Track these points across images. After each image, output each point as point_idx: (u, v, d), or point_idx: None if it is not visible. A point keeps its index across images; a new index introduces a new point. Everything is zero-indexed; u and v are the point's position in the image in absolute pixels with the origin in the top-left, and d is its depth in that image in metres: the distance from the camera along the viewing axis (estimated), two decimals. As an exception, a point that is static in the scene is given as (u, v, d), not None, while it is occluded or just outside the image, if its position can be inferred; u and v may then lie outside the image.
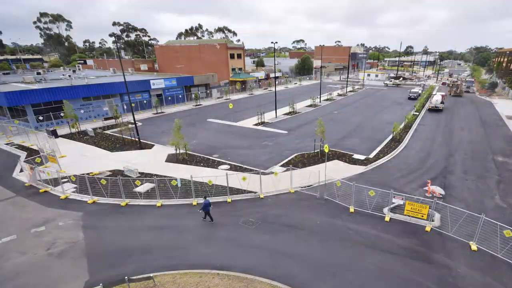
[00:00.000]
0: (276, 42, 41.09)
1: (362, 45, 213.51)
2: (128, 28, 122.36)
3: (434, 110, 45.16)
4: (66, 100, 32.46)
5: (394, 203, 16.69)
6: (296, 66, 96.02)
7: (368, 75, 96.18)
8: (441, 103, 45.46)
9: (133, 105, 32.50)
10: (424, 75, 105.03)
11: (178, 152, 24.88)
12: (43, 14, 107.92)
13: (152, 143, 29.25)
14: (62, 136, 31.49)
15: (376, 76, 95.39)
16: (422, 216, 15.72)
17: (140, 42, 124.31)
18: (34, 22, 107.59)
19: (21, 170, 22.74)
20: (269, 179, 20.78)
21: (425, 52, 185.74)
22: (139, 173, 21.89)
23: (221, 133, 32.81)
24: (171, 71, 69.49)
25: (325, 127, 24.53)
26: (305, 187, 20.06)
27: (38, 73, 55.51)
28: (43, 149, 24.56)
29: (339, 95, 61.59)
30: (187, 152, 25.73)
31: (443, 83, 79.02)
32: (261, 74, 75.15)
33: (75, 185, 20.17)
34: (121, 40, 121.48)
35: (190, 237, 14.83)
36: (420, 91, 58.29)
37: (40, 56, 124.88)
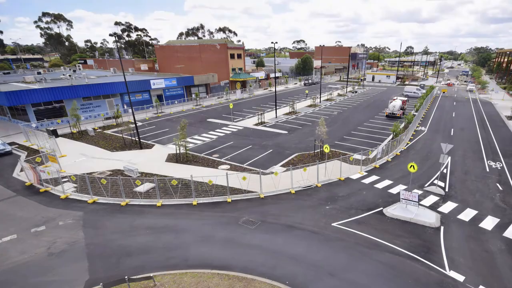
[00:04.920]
0: (276, 42, 41.15)
1: (362, 45, 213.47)
2: (129, 28, 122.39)
3: (392, 117, 39.85)
4: (71, 99, 32.37)
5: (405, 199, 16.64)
6: (296, 66, 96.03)
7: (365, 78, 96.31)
8: (400, 109, 39.78)
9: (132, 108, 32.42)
10: (423, 75, 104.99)
11: (178, 152, 24.90)
12: (44, 14, 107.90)
13: (153, 143, 29.27)
14: (62, 135, 31.50)
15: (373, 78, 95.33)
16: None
17: (141, 42, 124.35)
18: (35, 22, 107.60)
19: (21, 170, 22.75)
20: (269, 179, 20.79)
21: (425, 52, 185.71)
22: (139, 173, 21.91)
23: (221, 133, 32.82)
24: (171, 71, 69.48)
25: (325, 127, 24.56)
26: (305, 187, 20.07)
27: (39, 73, 55.60)
28: (43, 149, 24.57)
29: (339, 95, 61.60)
30: (187, 152, 25.75)
31: (450, 85, 78.37)
32: (261, 74, 75.13)
33: (75, 185, 20.19)
34: (121, 40, 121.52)
35: (190, 237, 14.83)
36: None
37: (41, 56, 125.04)
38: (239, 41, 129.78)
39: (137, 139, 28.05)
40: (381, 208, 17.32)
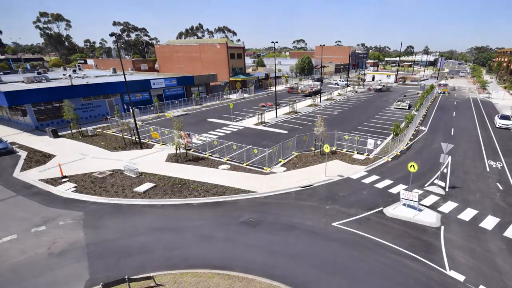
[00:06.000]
0: (277, 42, 41.08)
1: (363, 45, 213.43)
2: (128, 27, 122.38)
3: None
4: (67, 100, 32.40)
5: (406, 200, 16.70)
6: (296, 66, 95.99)
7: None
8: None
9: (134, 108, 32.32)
10: (425, 76, 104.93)
11: (178, 151, 24.90)
12: (42, 14, 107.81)
13: (153, 143, 29.27)
14: (62, 135, 31.52)
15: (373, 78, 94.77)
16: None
17: (141, 42, 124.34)
18: (34, 22, 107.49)
19: (22, 169, 22.77)
20: (269, 179, 20.79)
21: (426, 52, 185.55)
22: (139, 172, 21.90)
23: (221, 133, 32.81)
24: (171, 71, 69.46)
25: (325, 127, 24.54)
26: (305, 187, 20.06)
27: (39, 73, 55.49)
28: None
29: (339, 95, 61.54)
30: (187, 151, 25.76)
31: (439, 85, 77.24)
32: (261, 74, 75.12)
33: (75, 185, 20.19)
34: (121, 40, 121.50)
35: (190, 237, 14.83)
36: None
37: (41, 56, 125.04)
38: (238, 40, 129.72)
39: (137, 139, 28.06)
40: (382, 208, 17.31)
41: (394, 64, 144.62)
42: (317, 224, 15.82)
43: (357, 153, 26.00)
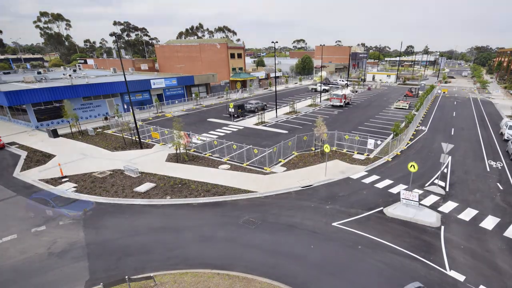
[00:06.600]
0: (277, 42, 41.06)
1: (363, 44, 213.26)
2: (128, 27, 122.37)
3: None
4: (67, 99, 32.41)
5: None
6: (296, 65, 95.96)
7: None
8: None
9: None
10: (425, 76, 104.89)
11: (178, 151, 24.90)
12: (43, 14, 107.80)
13: (153, 143, 29.27)
14: (62, 135, 31.51)
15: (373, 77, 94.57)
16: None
17: (141, 42, 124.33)
18: (34, 22, 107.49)
19: (22, 169, 22.76)
20: (270, 179, 20.77)
21: (426, 51, 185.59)
22: (139, 172, 21.90)
23: (222, 133, 32.80)
24: (171, 71, 69.47)
25: (325, 127, 24.53)
26: (305, 187, 20.05)
27: (39, 73, 55.49)
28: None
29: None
30: (187, 151, 25.75)
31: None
32: (261, 74, 75.07)
33: (75, 185, 20.19)
34: (121, 40, 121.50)
35: (190, 237, 14.83)
36: None
37: (41, 56, 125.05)
38: (238, 40, 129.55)
39: (137, 139, 28.05)
40: (382, 208, 17.30)
41: (393, 64, 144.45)
42: (317, 224, 15.81)
43: (357, 153, 26.00)
